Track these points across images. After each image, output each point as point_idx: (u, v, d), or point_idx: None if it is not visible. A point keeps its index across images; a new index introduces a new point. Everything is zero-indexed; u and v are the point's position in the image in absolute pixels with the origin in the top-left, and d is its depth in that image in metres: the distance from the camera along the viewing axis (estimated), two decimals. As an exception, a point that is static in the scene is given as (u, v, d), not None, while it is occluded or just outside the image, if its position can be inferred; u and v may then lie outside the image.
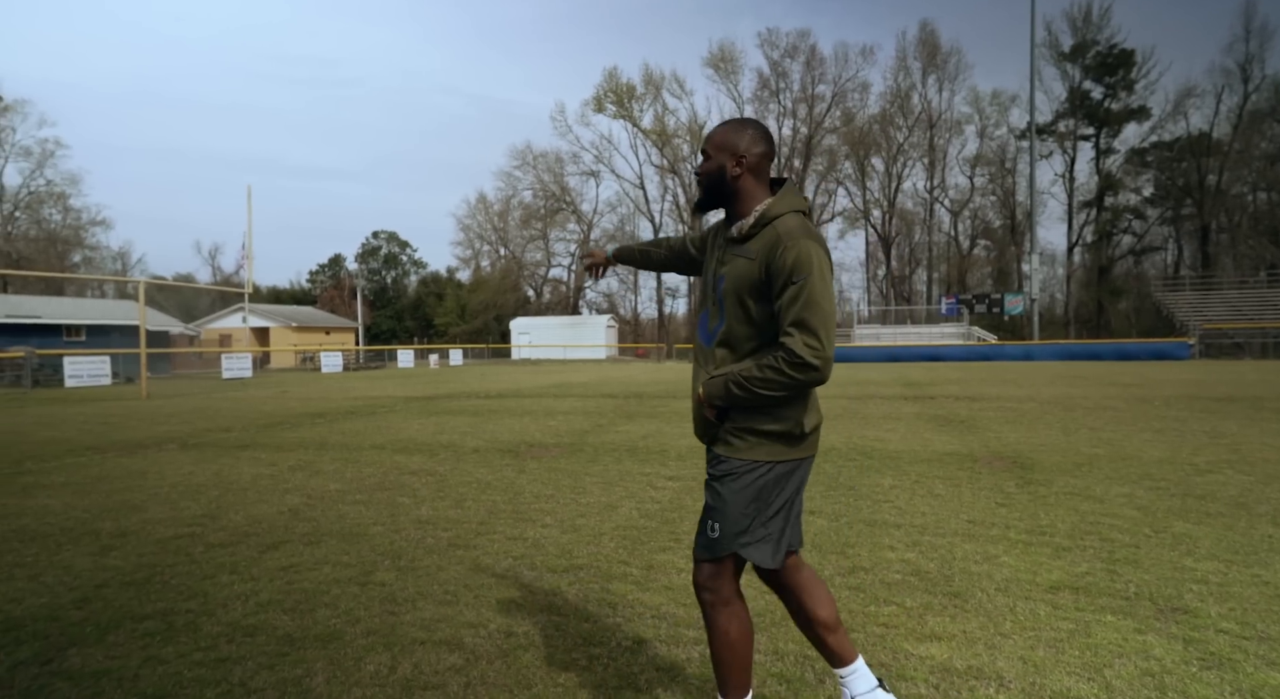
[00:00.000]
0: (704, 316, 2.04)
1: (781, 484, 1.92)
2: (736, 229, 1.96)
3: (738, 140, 1.97)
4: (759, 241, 1.89)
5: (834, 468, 6.27)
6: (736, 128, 2.00)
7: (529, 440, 8.31)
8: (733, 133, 1.98)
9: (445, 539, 4.23)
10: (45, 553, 4.05)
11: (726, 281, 1.93)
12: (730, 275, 1.92)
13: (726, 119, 2.10)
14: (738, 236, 1.95)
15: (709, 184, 2.02)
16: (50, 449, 8.15)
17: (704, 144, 2.01)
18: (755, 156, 1.96)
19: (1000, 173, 59.14)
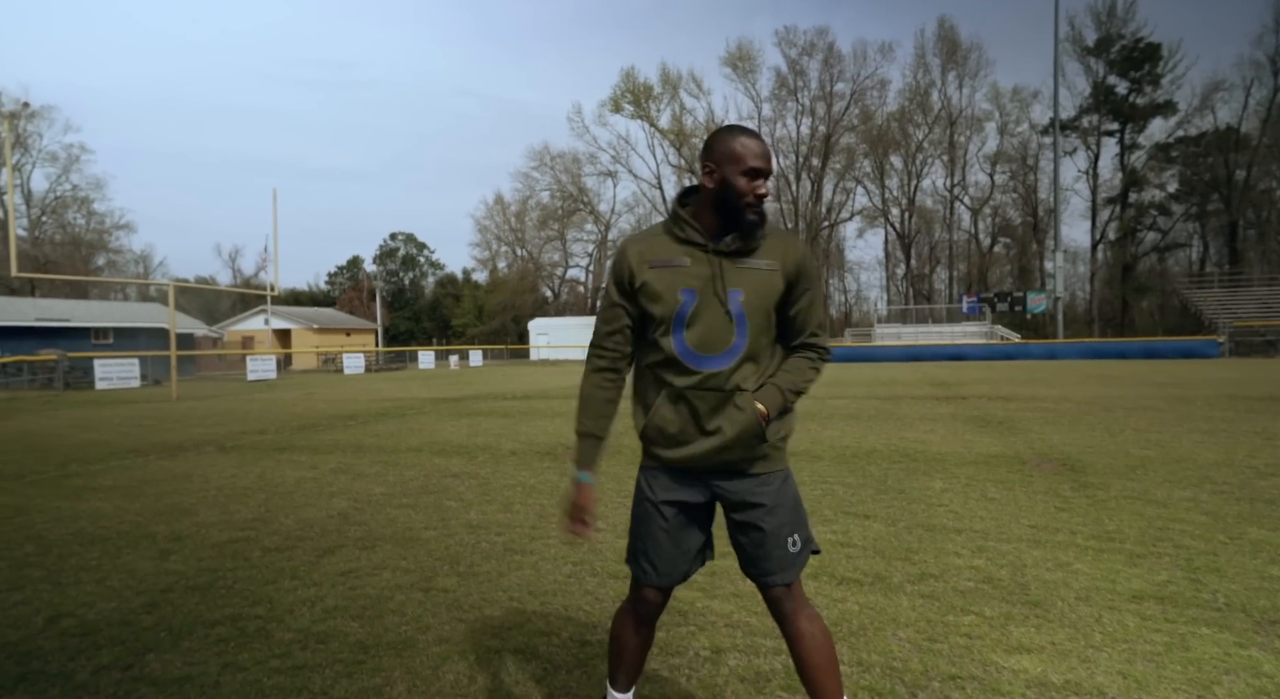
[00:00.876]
0: (697, 339, 1.82)
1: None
2: (736, 242, 1.81)
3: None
4: (772, 250, 1.84)
5: (880, 471, 6.19)
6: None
7: (565, 442, 8.29)
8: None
9: (500, 544, 4.21)
10: (107, 557, 4.07)
11: (745, 295, 1.81)
12: (750, 289, 1.82)
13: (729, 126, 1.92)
14: (739, 249, 1.82)
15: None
16: (92, 451, 8.23)
17: (768, 163, 1.81)
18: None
19: (1022, 169, 58.54)
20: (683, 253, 1.82)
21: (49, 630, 3.06)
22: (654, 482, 1.93)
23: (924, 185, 62.58)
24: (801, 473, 6.20)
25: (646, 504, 1.94)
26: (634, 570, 1.97)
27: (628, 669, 2.05)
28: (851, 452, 7.23)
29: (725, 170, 1.78)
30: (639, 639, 2.01)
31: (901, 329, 45.53)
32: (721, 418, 1.82)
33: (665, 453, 1.89)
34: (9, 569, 3.88)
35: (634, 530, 1.98)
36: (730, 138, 1.80)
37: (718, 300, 1.80)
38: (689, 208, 1.86)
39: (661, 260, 1.83)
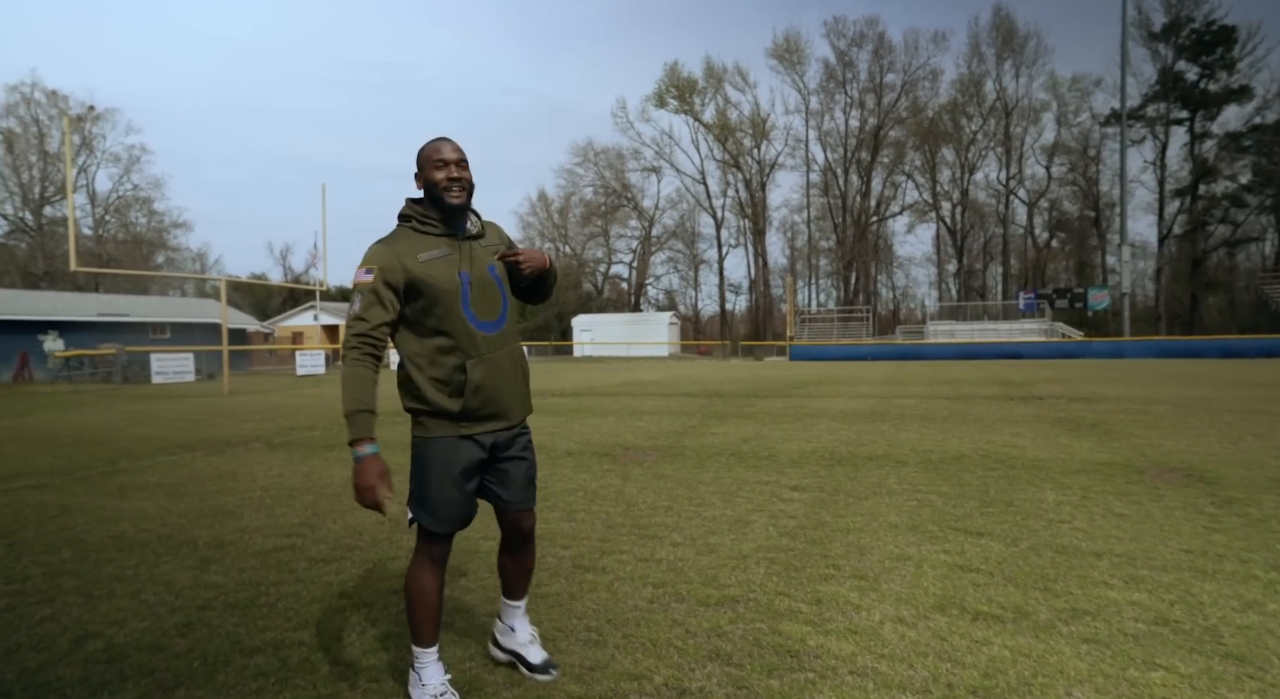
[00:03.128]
0: (479, 309, 2.26)
1: None
2: (475, 228, 2.38)
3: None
4: (492, 233, 2.44)
5: (976, 479, 5.58)
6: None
7: (622, 442, 7.84)
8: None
9: (568, 559, 3.77)
10: (145, 565, 3.74)
11: (498, 270, 2.34)
12: (497, 265, 2.35)
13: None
14: (477, 234, 2.36)
15: (472, 190, 2.34)
16: (142, 447, 8.08)
17: (462, 154, 2.30)
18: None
19: (1082, 161, 56.18)
20: (442, 244, 2.26)
21: (73, 655, 2.71)
22: (459, 449, 2.26)
23: (977, 179, 60.59)
24: (889, 479, 5.64)
25: (453, 468, 2.24)
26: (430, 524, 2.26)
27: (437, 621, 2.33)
28: (936, 456, 6.62)
29: (426, 172, 2.28)
30: (438, 586, 2.31)
31: (955, 326, 44.04)
32: (513, 375, 2.36)
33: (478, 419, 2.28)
34: (43, 578, 3.58)
35: (430, 491, 2.25)
36: (422, 147, 2.31)
37: (479, 277, 2.28)
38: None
39: (426, 253, 2.22)
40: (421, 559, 2.28)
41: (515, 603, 2.56)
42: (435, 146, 2.27)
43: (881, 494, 5.16)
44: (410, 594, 2.27)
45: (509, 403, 2.32)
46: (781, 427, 9.03)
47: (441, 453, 2.22)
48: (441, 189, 2.23)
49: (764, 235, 63.65)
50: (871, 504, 4.85)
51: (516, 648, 2.54)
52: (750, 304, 66.42)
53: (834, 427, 8.95)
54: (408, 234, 2.25)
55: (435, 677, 2.27)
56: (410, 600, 2.27)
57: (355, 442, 2.09)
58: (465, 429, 2.23)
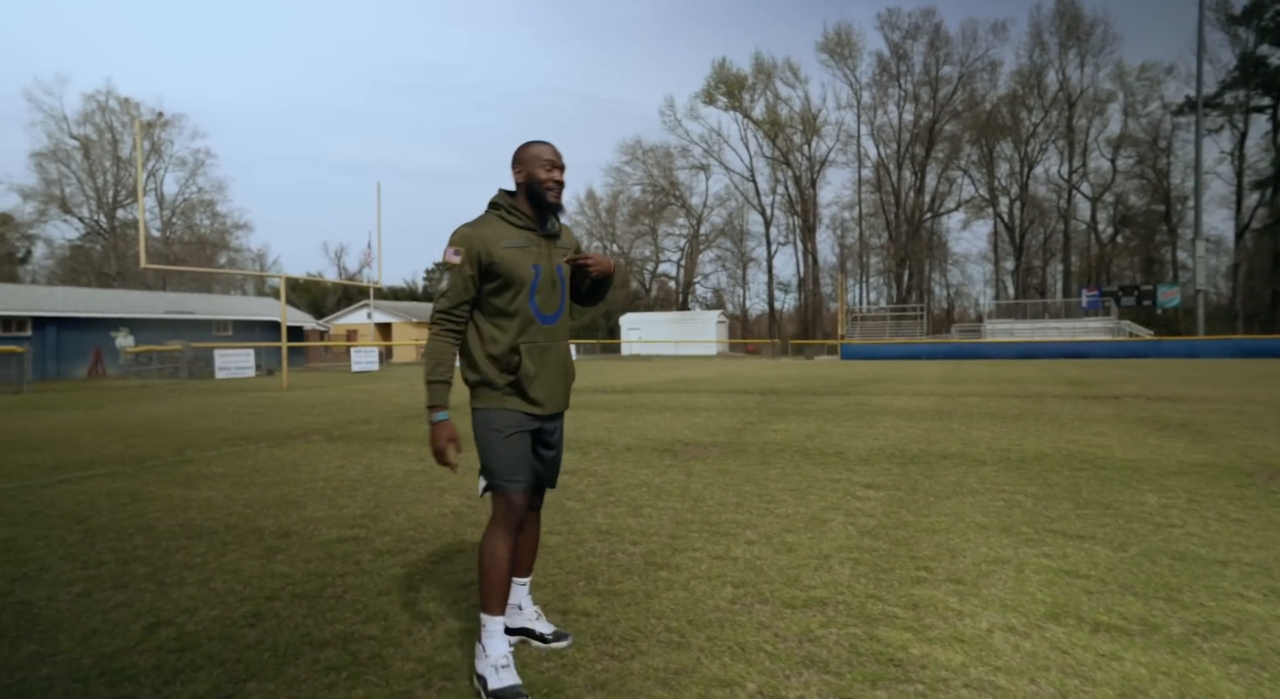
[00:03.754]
0: (542, 302, 2.43)
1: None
2: (555, 228, 2.50)
3: None
4: (567, 236, 2.57)
5: (1065, 479, 5.23)
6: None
7: (681, 438, 7.65)
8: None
9: (639, 556, 3.60)
10: (213, 553, 3.71)
11: (565, 271, 2.50)
12: (565, 267, 2.50)
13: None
14: (555, 233, 2.49)
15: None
16: (208, 438, 8.22)
17: (563, 160, 2.47)
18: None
19: (1151, 153, 53.79)
20: (523, 236, 2.41)
21: (147, 642, 2.65)
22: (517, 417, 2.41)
23: (1036, 173, 58.54)
24: (968, 478, 5.33)
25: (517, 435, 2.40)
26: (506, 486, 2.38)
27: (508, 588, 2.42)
28: (1016, 455, 6.26)
29: (531, 169, 2.42)
30: (511, 552, 2.40)
31: (1014, 325, 42.59)
32: (562, 365, 2.53)
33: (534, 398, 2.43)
34: (116, 564, 3.57)
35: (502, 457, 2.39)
36: (528, 146, 2.45)
37: (548, 274, 2.43)
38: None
39: (509, 241, 2.38)
40: (495, 526, 2.38)
41: (522, 580, 2.64)
42: (542, 148, 2.43)
43: (963, 493, 4.87)
44: (483, 559, 2.36)
45: (552, 392, 2.47)
46: (844, 424, 8.72)
47: (496, 417, 2.38)
48: (545, 188, 2.40)
49: (814, 233, 62.72)
50: (954, 504, 4.57)
51: (526, 624, 2.61)
52: (799, 302, 65.52)
53: (899, 424, 8.61)
54: (494, 221, 2.41)
55: (499, 647, 2.30)
56: (483, 566, 2.36)
57: (431, 408, 2.34)
58: (510, 403, 2.39)
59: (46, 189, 53.43)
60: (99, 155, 54.03)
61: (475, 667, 2.31)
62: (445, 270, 2.35)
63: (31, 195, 53.38)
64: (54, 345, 26.45)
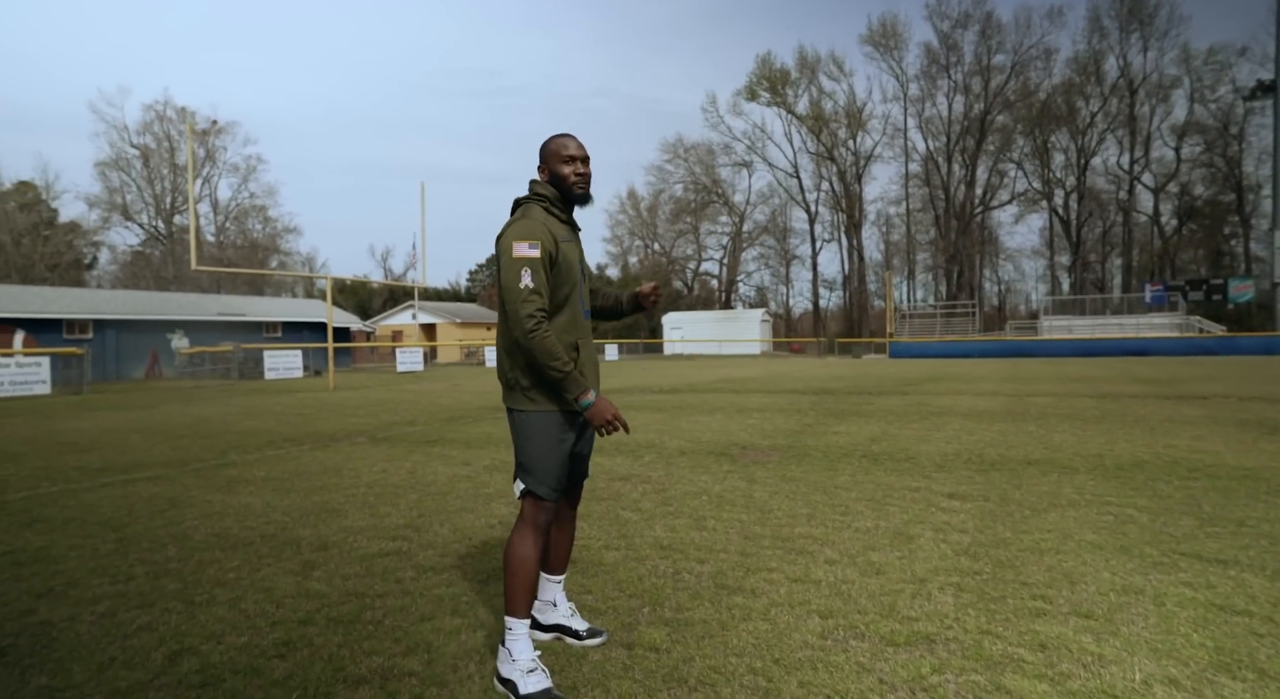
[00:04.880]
0: (584, 297, 2.43)
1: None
2: (578, 224, 2.51)
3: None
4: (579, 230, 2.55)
5: (1175, 489, 4.68)
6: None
7: (736, 441, 7.24)
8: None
9: (707, 577, 3.22)
10: (247, 567, 3.45)
11: (586, 265, 2.50)
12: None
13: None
14: (576, 226, 2.51)
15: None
16: (252, 440, 8.10)
17: (587, 152, 2.43)
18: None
19: (1221, 140, 51.18)
20: (567, 232, 2.39)
21: (167, 674, 2.37)
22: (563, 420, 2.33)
23: (1094, 164, 56.24)
24: (1063, 488, 4.82)
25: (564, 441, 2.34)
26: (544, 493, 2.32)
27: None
28: (1111, 462, 5.70)
29: (554, 165, 2.39)
30: (539, 554, 2.34)
31: (1072, 321, 40.92)
32: (596, 360, 2.50)
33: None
34: (146, 578, 3.32)
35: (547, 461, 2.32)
36: (549, 141, 2.43)
37: (581, 268, 2.43)
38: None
39: (562, 238, 2.34)
40: (526, 528, 2.32)
41: (557, 578, 2.60)
42: (563, 142, 2.40)
43: (1062, 505, 4.37)
44: (511, 562, 2.29)
45: (595, 385, 2.40)
46: (910, 426, 8.20)
47: (552, 423, 2.30)
48: (570, 183, 2.37)
49: (859, 229, 61.42)
50: (1056, 518, 4.08)
51: (560, 621, 2.57)
52: (844, 301, 64.22)
53: (970, 426, 8.05)
54: (544, 214, 2.35)
55: (525, 651, 2.23)
56: (510, 568, 2.29)
57: (579, 395, 2.24)
58: (559, 403, 2.30)
59: (109, 197, 55.41)
60: (157, 163, 55.79)
61: (499, 670, 2.24)
62: (525, 265, 2.21)
63: (96, 203, 55.43)
64: (114, 347, 27.22)
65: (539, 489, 2.31)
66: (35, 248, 50.18)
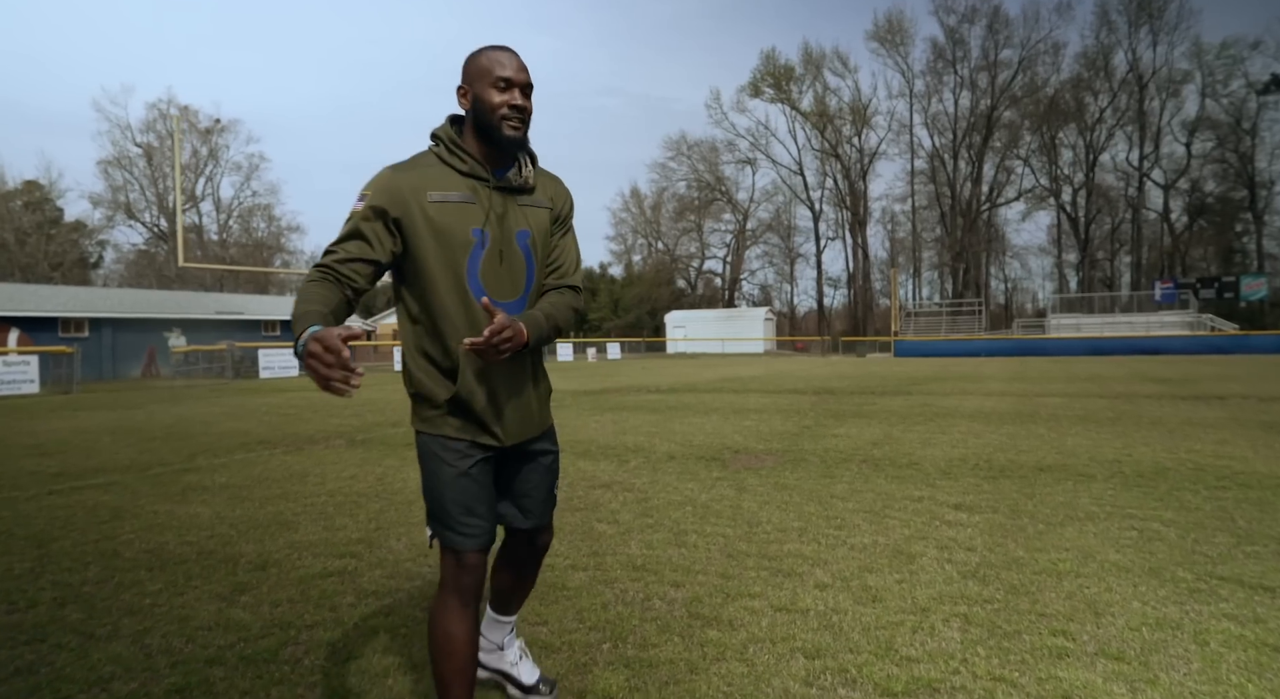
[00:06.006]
0: (491, 282, 1.69)
1: None
2: (520, 178, 1.73)
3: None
4: (546, 187, 1.82)
5: (1203, 500, 4.28)
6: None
7: (729, 445, 6.86)
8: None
9: (680, 605, 2.84)
10: (169, 591, 3.08)
11: (532, 236, 1.75)
12: (536, 228, 1.76)
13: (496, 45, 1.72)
14: (521, 184, 1.74)
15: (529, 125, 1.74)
16: (225, 442, 7.76)
17: (530, 77, 1.70)
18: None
19: (1233, 136, 50.45)
20: (465, 187, 1.67)
21: (32, 728, 2.01)
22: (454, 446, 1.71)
23: (1103, 160, 55.54)
24: (1079, 498, 4.43)
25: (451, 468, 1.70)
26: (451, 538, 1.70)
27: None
28: (1130, 469, 5.30)
29: (479, 88, 1.67)
30: (470, 630, 1.72)
31: (1081, 320, 40.37)
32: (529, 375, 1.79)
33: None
34: (49, 606, 2.96)
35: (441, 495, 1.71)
36: (478, 54, 1.69)
37: (502, 240, 1.69)
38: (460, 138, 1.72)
39: (440, 193, 1.65)
40: (446, 593, 1.72)
41: (506, 619, 2.12)
42: (496, 58, 1.67)
43: (1079, 518, 3.98)
44: (433, 641, 1.72)
45: (507, 416, 1.74)
46: (914, 428, 7.80)
47: (439, 444, 1.70)
48: (499, 117, 1.66)
49: (864, 227, 60.87)
50: (1073, 534, 3.69)
51: (504, 668, 2.13)
52: (849, 299, 63.68)
53: (977, 429, 7.66)
54: (429, 163, 1.71)
55: None
56: (434, 649, 1.72)
57: (298, 337, 1.41)
58: (450, 428, 1.70)
59: (113, 196, 55.32)
60: (160, 161, 55.60)
61: None
62: (346, 222, 1.65)
63: (100, 202, 55.36)
64: (110, 346, 26.99)
65: (444, 534, 1.71)
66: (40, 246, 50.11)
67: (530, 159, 1.76)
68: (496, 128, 1.66)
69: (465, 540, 1.68)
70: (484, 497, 1.73)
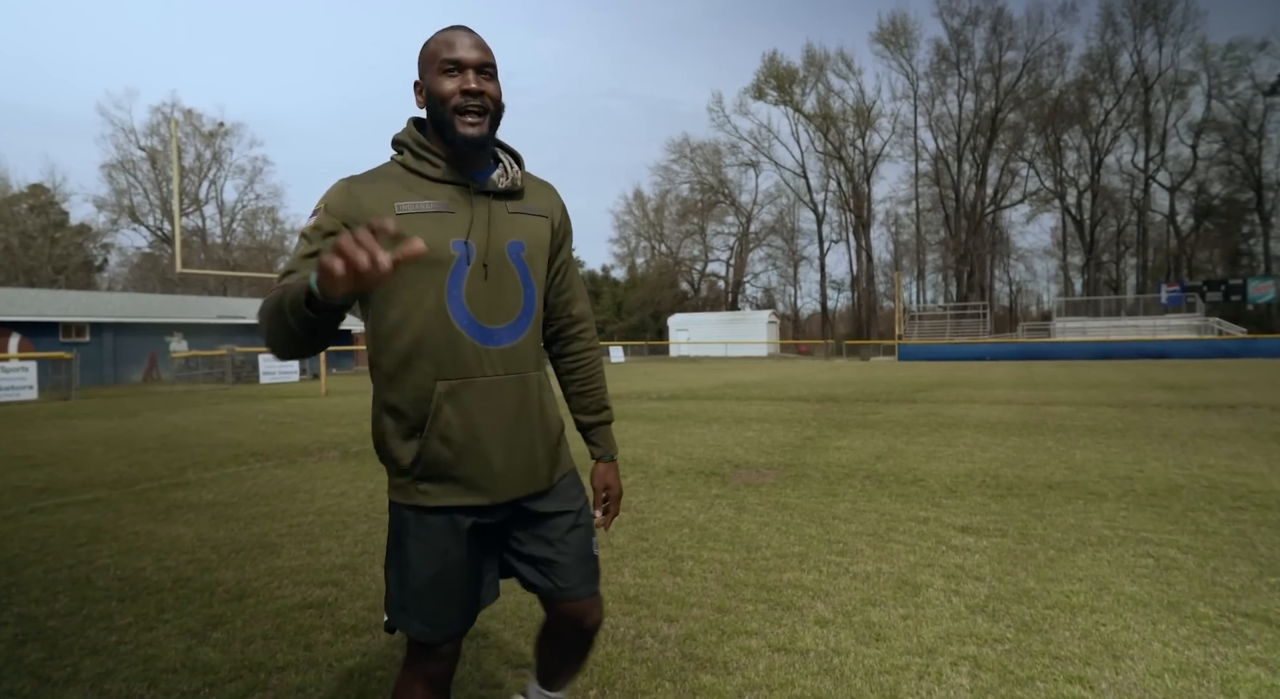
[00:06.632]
0: (478, 305, 1.39)
1: None
2: (507, 179, 1.45)
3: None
4: (539, 194, 1.54)
5: (1224, 524, 4.12)
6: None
7: (730, 458, 6.71)
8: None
9: (674, 643, 2.69)
10: (139, 625, 2.95)
11: (527, 249, 1.46)
12: (530, 241, 1.47)
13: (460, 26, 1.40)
14: (509, 189, 1.45)
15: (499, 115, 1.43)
16: (217, 454, 7.63)
17: (486, 54, 1.38)
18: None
19: (1240, 137, 50.17)
20: (442, 195, 1.38)
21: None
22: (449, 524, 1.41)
23: (1108, 163, 55.29)
24: (1090, 519, 4.27)
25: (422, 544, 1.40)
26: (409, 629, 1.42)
27: None
28: (1142, 486, 5.14)
29: (429, 79, 1.38)
30: None
31: (1087, 323, 40.13)
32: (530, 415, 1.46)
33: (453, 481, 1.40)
34: (9, 645, 2.82)
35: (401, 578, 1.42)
36: (427, 41, 1.40)
37: (488, 252, 1.39)
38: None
39: (411, 203, 1.36)
40: (410, 680, 1.46)
41: (553, 694, 1.77)
42: (442, 38, 1.38)
43: (1092, 543, 3.82)
44: None
45: (499, 464, 1.41)
46: (918, 440, 7.64)
47: (422, 523, 1.40)
48: (451, 108, 1.35)
49: (868, 229, 60.69)
50: (1086, 561, 3.53)
51: None
52: (853, 302, 63.49)
53: (983, 441, 7.49)
54: (394, 173, 1.42)
55: None
56: None
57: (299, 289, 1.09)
58: (424, 496, 1.39)
59: (117, 199, 55.41)
60: (163, 165, 55.68)
61: None
62: (299, 240, 1.36)
63: (104, 205, 55.44)
64: (111, 350, 26.93)
65: (408, 624, 1.42)
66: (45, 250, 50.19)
67: (514, 159, 1.50)
68: (449, 124, 1.35)
69: (433, 632, 1.41)
70: (464, 579, 1.43)
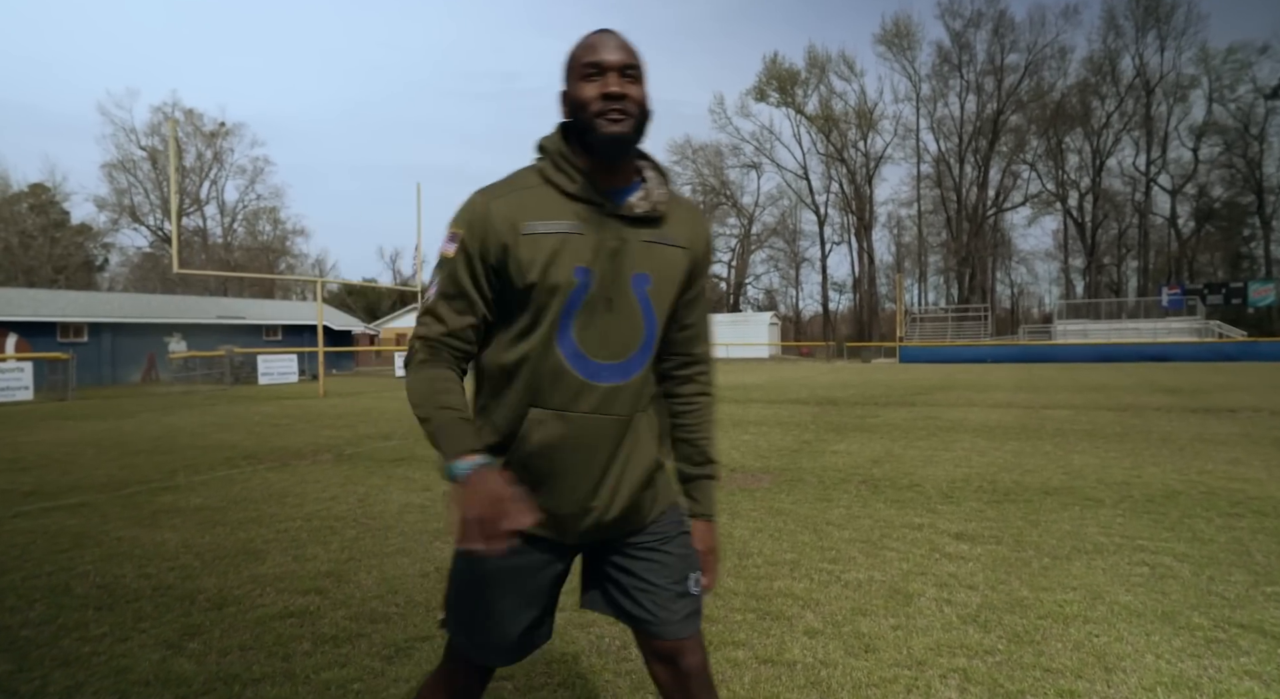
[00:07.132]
0: (590, 337, 1.27)
1: None
2: (648, 203, 1.30)
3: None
4: (683, 222, 1.37)
5: (1216, 530, 4.06)
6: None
7: (726, 462, 6.66)
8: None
9: (658, 655, 2.63)
10: (113, 636, 2.90)
11: (654, 284, 1.31)
12: (659, 275, 1.32)
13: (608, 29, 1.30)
14: (648, 214, 1.30)
15: (644, 121, 1.30)
16: (209, 457, 7.58)
17: (630, 56, 1.26)
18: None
19: (1241, 140, 50.10)
20: (571, 214, 1.26)
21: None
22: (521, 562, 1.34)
23: (1110, 165, 55.21)
24: (1086, 526, 4.22)
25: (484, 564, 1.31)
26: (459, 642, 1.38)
27: None
28: (1139, 492, 5.09)
29: (570, 85, 1.27)
30: None
31: (1088, 326, 40.05)
32: (621, 460, 1.31)
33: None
34: (-11, 647, 2.78)
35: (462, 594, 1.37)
36: (572, 48, 1.29)
37: (614, 286, 1.27)
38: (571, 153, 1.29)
39: (541, 223, 1.25)
40: (438, 683, 1.41)
41: None
42: (586, 42, 1.28)
43: (1087, 551, 3.77)
44: None
45: (585, 502, 1.30)
46: (916, 444, 7.59)
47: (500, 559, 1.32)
48: (593, 112, 1.23)
49: (869, 231, 60.61)
50: (1080, 569, 3.48)
51: None
52: (854, 303, 63.41)
53: (981, 445, 7.44)
54: (530, 183, 1.29)
55: None
56: None
57: (453, 455, 1.16)
58: (547, 526, 1.33)
59: (117, 199, 55.44)
60: (164, 165, 55.70)
61: None
62: (436, 272, 1.30)
63: (105, 205, 55.47)
64: (109, 351, 26.90)
65: (456, 637, 1.39)
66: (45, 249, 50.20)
67: (661, 175, 1.36)
68: (591, 127, 1.24)
69: (480, 654, 1.36)
70: (527, 606, 1.35)
